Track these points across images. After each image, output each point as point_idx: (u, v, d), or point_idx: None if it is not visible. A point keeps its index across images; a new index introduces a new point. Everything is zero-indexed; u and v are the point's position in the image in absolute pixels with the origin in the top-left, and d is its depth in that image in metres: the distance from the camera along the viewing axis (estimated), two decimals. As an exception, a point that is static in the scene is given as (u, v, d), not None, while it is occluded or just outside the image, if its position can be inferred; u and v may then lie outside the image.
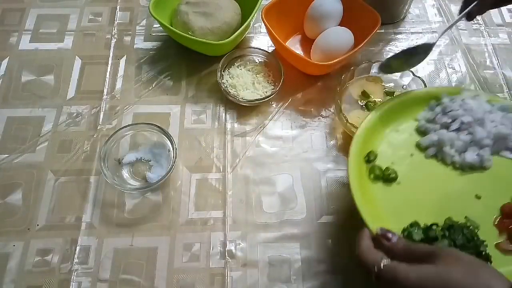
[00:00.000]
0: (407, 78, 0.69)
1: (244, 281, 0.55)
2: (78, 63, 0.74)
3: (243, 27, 0.69)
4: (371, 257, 0.41)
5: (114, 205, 0.60)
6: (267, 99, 0.68)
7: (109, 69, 0.73)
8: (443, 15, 0.85)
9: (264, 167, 0.64)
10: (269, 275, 0.56)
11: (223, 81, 0.70)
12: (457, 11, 0.84)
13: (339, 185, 0.63)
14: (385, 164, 0.53)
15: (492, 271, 0.37)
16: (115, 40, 0.77)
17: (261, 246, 0.58)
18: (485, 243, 0.45)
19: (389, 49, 0.79)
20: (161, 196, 0.61)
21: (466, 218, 0.49)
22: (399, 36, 0.81)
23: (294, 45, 0.77)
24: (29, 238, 0.57)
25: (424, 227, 0.47)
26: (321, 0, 0.71)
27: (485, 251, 0.44)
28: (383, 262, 0.39)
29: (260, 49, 0.73)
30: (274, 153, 0.66)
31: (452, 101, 0.56)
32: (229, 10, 0.72)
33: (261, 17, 0.69)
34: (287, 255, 0.57)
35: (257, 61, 0.73)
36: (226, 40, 0.68)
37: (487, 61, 0.78)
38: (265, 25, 0.69)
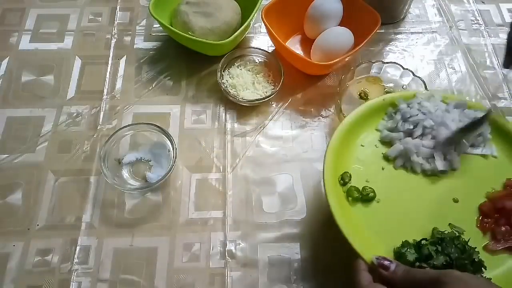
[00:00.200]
0: (407, 78, 0.69)
1: (244, 281, 0.55)
2: (78, 63, 0.74)
3: (243, 27, 0.69)
4: None
5: (114, 205, 0.60)
6: (267, 99, 0.68)
7: (109, 69, 0.73)
8: (443, 15, 0.85)
9: (264, 167, 0.64)
10: (269, 275, 0.56)
11: (223, 81, 0.70)
12: (457, 11, 0.85)
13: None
14: (360, 183, 0.51)
15: None
16: (115, 40, 0.77)
17: (261, 246, 0.58)
18: (476, 250, 0.45)
19: (389, 49, 0.79)
20: (161, 196, 0.61)
21: (450, 225, 0.49)
22: (399, 36, 0.81)
23: (294, 45, 0.77)
24: (29, 238, 0.57)
25: (414, 243, 0.46)
26: (321, 0, 0.71)
27: (478, 258, 0.44)
28: None
29: (260, 49, 0.73)
30: (274, 153, 0.66)
31: (409, 106, 0.56)
32: (229, 10, 0.72)
33: (261, 17, 0.69)
34: (287, 255, 0.57)
35: (257, 61, 0.73)
36: (226, 40, 0.68)
37: (487, 61, 0.78)
38: (265, 25, 0.69)
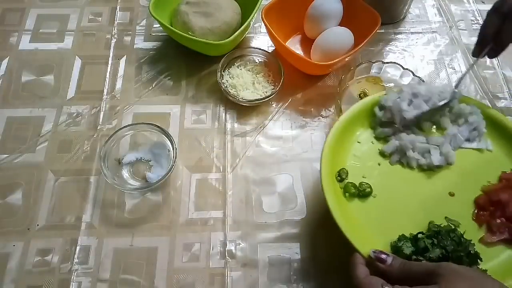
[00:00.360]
0: (407, 78, 0.69)
1: (244, 281, 0.55)
2: (78, 63, 0.74)
3: (243, 27, 0.69)
4: (371, 285, 0.40)
5: (114, 205, 0.60)
6: (267, 99, 0.68)
7: (109, 69, 0.73)
8: (443, 15, 0.85)
9: (264, 167, 0.64)
10: (269, 275, 0.56)
11: (223, 81, 0.70)
12: (457, 11, 0.85)
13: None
14: (357, 179, 0.52)
15: (495, 283, 0.37)
16: (115, 40, 0.77)
17: (261, 246, 0.58)
18: (472, 242, 0.45)
19: (389, 49, 0.79)
20: (161, 196, 0.61)
21: (446, 218, 0.49)
22: (399, 36, 0.81)
23: (294, 45, 0.77)
24: (29, 238, 0.57)
25: (410, 236, 0.46)
26: (321, 0, 0.71)
27: (473, 250, 0.45)
28: None
29: (260, 49, 0.73)
30: (274, 153, 0.66)
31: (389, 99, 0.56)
32: (229, 10, 0.72)
33: (261, 17, 0.69)
34: (287, 255, 0.57)
35: (257, 61, 0.73)
36: (226, 40, 0.68)
37: (487, 61, 0.78)
38: (265, 25, 0.69)
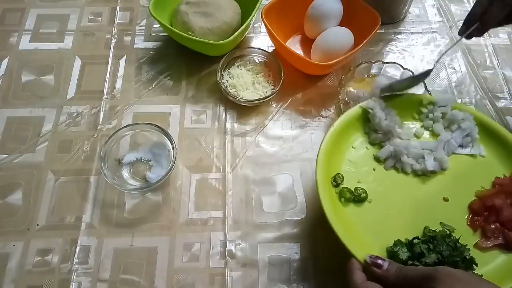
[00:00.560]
0: (407, 78, 0.69)
1: (244, 281, 0.55)
2: (78, 63, 0.74)
3: (243, 27, 0.69)
4: None
5: (114, 205, 0.60)
6: (267, 99, 0.68)
7: (109, 69, 0.73)
8: (443, 15, 0.85)
9: (264, 167, 0.64)
10: (269, 275, 0.56)
11: (223, 81, 0.70)
12: (457, 11, 0.85)
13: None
14: (352, 184, 0.52)
15: (491, 286, 0.37)
16: (115, 40, 0.77)
17: (261, 246, 0.58)
18: (467, 247, 0.45)
19: (389, 49, 0.79)
20: (161, 196, 0.61)
21: (441, 223, 0.49)
22: (399, 36, 0.81)
23: (294, 45, 0.77)
24: (29, 238, 0.57)
25: (406, 242, 0.47)
26: (321, 0, 0.71)
27: (469, 255, 0.45)
28: None
29: (260, 49, 0.73)
30: (274, 153, 0.66)
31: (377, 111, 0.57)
32: (229, 10, 0.72)
33: (261, 17, 0.69)
34: (287, 255, 0.57)
35: (257, 61, 0.73)
36: (226, 40, 0.68)
37: (487, 61, 0.78)
38: (265, 25, 0.69)
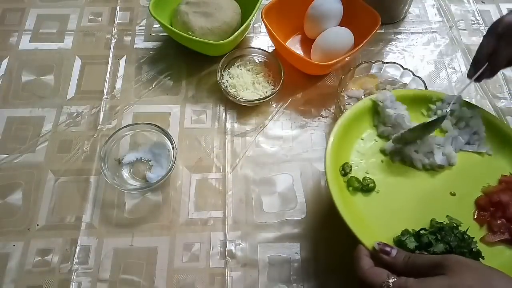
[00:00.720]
0: (407, 78, 0.69)
1: (244, 281, 0.55)
2: (78, 63, 0.74)
3: (243, 27, 0.69)
4: (376, 276, 0.40)
5: (114, 205, 0.60)
6: (267, 99, 0.68)
7: (109, 69, 0.73)
8: (443, 15, 0.85)
9: (264, 167, 0.64)
10: (269, 275, 0.56)
11: (223, 81, 0.70)
12: (457, 11, 0.85)
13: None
14: (360, 174, 0.53)
15: (502, 276, 0.37)
16: (115, 40, 0.77)
17: (261, 246, 0.58)
18: (474, 240, 0.46)
19: (389, 49, 0.79)
20: (161, 196, 0.61)
21: (448, 217, 0.50)
22: (399, 36, 0.81)
23: (294, 45, 0.77)
24: (29, 238, 0.57)
25: (413, 232, 0.47)
26: (321, 0, 0.71)
27: (476, 248, 0.45)
28: (391, 279, 0.39)
29: (260, 49, 0.73)
30: (274, 153, 0.66)
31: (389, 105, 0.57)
32: (229, 10, 0.72)
33: (261, 17, 0.69)
34: (287, 255, 0.57)
35: (257, 61, 0.73)
36: (226, 40, 0.68)
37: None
38: (265, 25, 0.69)
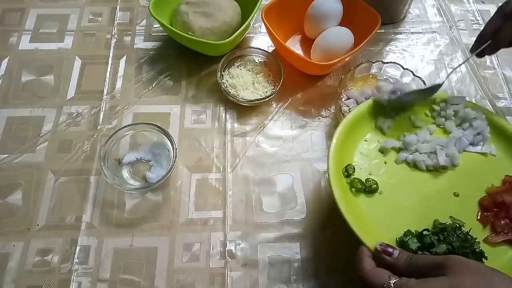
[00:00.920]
0: (407, 78, 0.69)
1: (244, 281, 0.55)
2: (78, 63, 0.74)
3: (243, 27, 0.69)
4: (378, 277, 0.40)
5: (114, 205, 0.60)
6: (267, 99, 0.68)
7: (109, 69, 0.73)
8: (443, 15, 0.85)
9: (264, 167, 0.64)
10: (269, 275, 0.56)
11: (223, 81, 0.70)
12: (457, 11, 0.85)
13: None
14: (363, 176, 0.53)
15: (504, 277, 0.37)
16: (115, 40, 0.77)
17: (261, 246, 0.58)
18: (477, 240, 0.46)
19: (389, 49, 0.79)
20: (161, 196, 0.61)
21: (451, 217, 0.50)
22: (399, 36, 0.81)
23: (294, 45, 0.77)
24: (29, 238, 0.57)
25: (416, 233, 0.47)
26: (321, 0, 0.71)
27: (479, 248, 0.45)
28: (392, 280, 0.39)
29: (260, 49, 0.73)
30: (274, 153, 0.66)
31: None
32: (229, 10, 0.72)
33: (261, 17, 0.69)
34: (287, 255, 0.57)
35: (257, 61, 0.73)
36: (226, 40, 0.68)
37: (487, 61, 0.78)
38: (265, 25, 0.69)
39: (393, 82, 0.62)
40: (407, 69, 0.69)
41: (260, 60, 0.73)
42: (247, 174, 0.64)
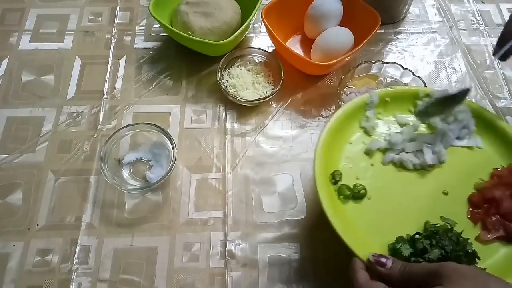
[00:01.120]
0: (407, 78, 0.69)
1: (244, 281, 0.55)
2: (78, 63, 0.74)
3: (243, 27, 0.69)
4: None
5: (114, 205, 0.60)
6: (267, 99, 0.68)
7: (109, 69, 0.73)
8: (443, 15, 0.85)
9: (264, 167, 0.64)
10: (269, 275, 0.56)
11: (223, 81, 0.70)
12: (457, 11, 0.85)
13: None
14: (350, 181, 0.52)
15: (496, 280, 0.37)
16: (115, 40, 0.77)
17: (261, 246, 0.58)
18: (469, 241, 0.45)
19: (389, 49, 0.79)
20: (161, 196, 0.61)
21: (441, 217, 0.49)
22: (399, 36, 0.81)
23: (294, 45, 0.77)
24: (29, 238, 0.57)
25: (408, 238, 0.46)
26: (321, 0, 0.71)
27: (471, 249, 0.45)
28: None
29: (260, 49, 0.73)
30: (274, 153, 0.66)
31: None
32: (229, 10, 0.72)
33: (261, 17, 0.69)
34: (287, 255, 0.57)
35: (257, 61, 0.73)
36: (226, 40, 0.68)
37: (487, 61, 0.78)
38: (265, 25, 0.69)
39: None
40: (407, 69, 0.69)
41: (260, 60, 0.73)
42: (247, 174, 0.64)
